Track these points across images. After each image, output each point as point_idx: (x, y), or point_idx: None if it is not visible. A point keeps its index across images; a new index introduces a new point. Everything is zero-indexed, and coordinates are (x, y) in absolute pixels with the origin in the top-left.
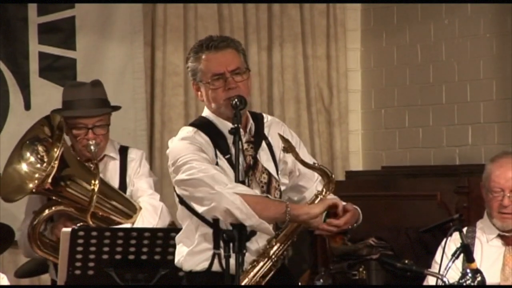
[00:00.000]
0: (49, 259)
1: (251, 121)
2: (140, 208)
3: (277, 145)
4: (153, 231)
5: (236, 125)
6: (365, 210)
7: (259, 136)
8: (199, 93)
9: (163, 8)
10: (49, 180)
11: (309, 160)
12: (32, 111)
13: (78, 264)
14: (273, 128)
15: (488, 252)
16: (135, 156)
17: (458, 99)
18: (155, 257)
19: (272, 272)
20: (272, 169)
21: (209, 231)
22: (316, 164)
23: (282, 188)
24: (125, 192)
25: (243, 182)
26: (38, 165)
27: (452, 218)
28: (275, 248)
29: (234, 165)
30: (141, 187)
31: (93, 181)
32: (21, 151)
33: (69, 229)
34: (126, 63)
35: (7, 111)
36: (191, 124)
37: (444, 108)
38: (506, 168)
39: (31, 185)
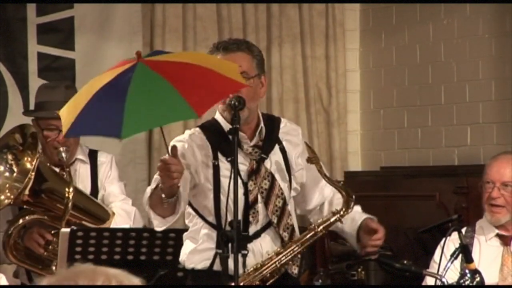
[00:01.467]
0: (23, 267)
1: (261, 124)
2: (113, 213)
3: (293, 152)
4: (152, 231)
5: (234, 125)
6: (364, 210)
7: (271, 140)
8: None
9: (162, 8)
10: (27, 192)
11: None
12: None
13: (76, 264)
14: (290, 135)
15: (486, 251)
16: (105, 160)
17: (457, 100)
18: (154, 257)
19: (274, 279)
20: (281, 175)
21: (213, 232)
22: (337, 182)
23: (293, 193)
24: (96, 196)
25: (245, 185)
26: (7, 174)
27: (451, 219)
28: (281, 255)
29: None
30: (113, 192)
31: (67, 189)
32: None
33: (68, 230)
34: None
35: (5, 112)
36: (199, 125)
37: (443, 109)
38: (502, 161)
39: (3, 197)
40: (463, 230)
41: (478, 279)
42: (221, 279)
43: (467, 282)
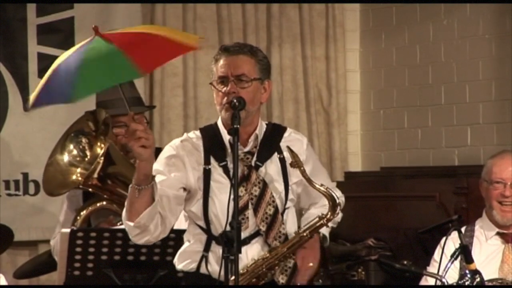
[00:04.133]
0: None
1: (257, 131)
2: None
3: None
4: None
5: (235, 126)
6: (364, 210)
7: (270, 148)
8: (214, 95)
9: (162, 8)
10: (95, 175)
11: (328, 183)
12: (31, 112)
13: (77, 265)
14: (293, 145)
15: (487, 250)
16: None
17: (457, 100)
18: (154, 258)
19: (260, 284)
20: (275, 184)
21: (203, 235)
22: (323, 187)
23: (290, 204)
24: None
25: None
26: (79, 158)
27: (451, 219)
28: (266, 259)
29: (228, 173)
30: None
31: None
32: (65, 142)
33: (68, 230)
34: None
35: (6, 112)
36: (200, 128)
37: (443, 109)
38: (507, 159)
39: (74, 178)
40: (462, 229)
41: (478, 279)
42: (211, 282)
43: (467, 283)
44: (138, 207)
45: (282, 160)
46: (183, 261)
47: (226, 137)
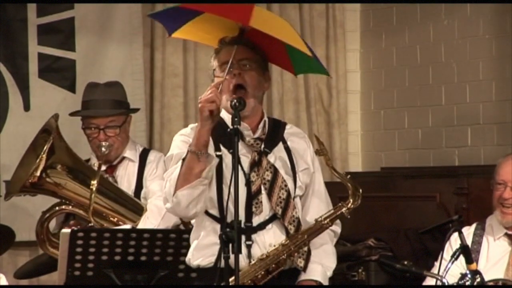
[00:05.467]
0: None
1: (265, 118)
2: (146, 209)
3: (298, 152)
4: (152, 232)
5: (235, 126)
6: (365, 211)
7: (276, 137)
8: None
9: (162, 9)
10: (37, 173)
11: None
12: (31, 112)
13: (77, 265)
14: (296, 137)
15: (494, 250)
16: (154, 158)
17: (458, 100)
18: (154, 258)
19: (278, 270)
20: (285, 170)
21: (216, 225)
22: (344, 174)
23: (299, 192)
24: (140, 193)
25: (247, 176)
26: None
27: (452, 219)
28: (286, 246)
29: (239, 160)
30: (153, 189)
31: (92, 181)
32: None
33: (68, 230)
34: (126, 64)
35: (6, 112)
36: None
37: (444, 109)
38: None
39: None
40: (473, 226)
41: (478, 279)
42: (225, 277)
43: (467, 283)
44: (198, 173)
45: (287, 149)
46: (199, 256)
47: None
